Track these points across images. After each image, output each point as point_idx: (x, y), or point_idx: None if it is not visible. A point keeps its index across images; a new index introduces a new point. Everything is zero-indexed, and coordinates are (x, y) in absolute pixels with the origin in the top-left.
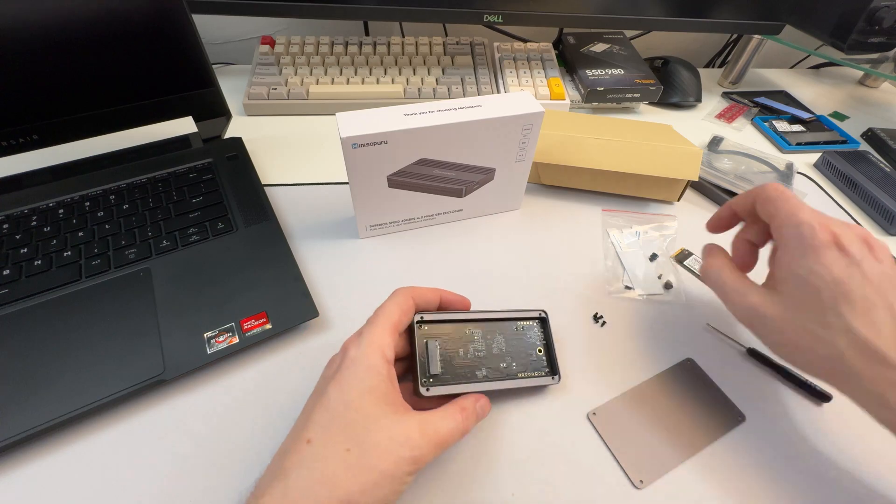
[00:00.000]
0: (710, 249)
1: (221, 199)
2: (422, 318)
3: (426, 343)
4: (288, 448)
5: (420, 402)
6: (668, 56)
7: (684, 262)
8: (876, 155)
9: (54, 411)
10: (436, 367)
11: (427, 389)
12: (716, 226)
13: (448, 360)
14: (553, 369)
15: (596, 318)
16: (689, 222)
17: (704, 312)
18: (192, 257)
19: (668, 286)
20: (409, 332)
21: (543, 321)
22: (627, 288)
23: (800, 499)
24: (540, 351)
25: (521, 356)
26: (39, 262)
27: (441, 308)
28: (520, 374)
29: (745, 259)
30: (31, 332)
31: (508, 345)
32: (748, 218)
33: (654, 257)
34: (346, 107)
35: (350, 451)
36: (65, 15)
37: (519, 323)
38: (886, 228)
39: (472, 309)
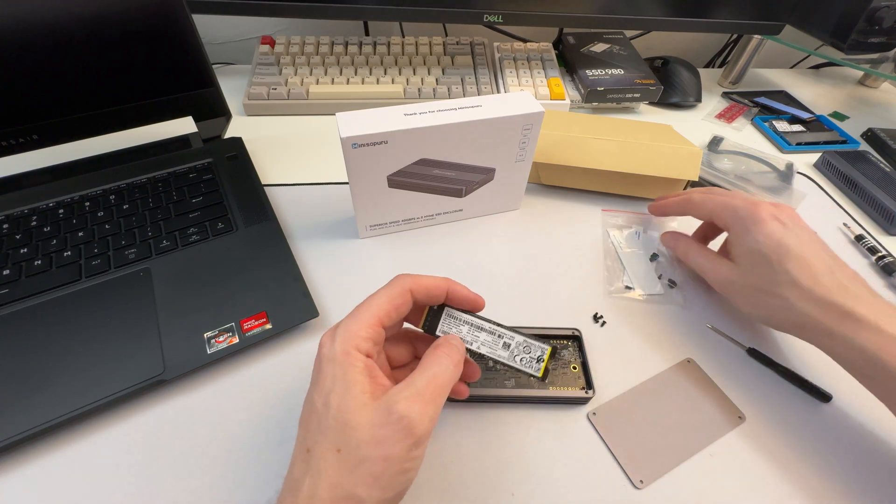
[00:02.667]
0: (676, 237)
1: (221, 199)
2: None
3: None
4: (295, 458)
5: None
6: (668, 56)
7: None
8: (876, 155)
9: (54, 411)
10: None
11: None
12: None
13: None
14: (588, 384)
15: (596, 318)
16: (689, 222)
17: (705, 313)
18: (192, 257)
19: (671, 284)
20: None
21: (577, 339)
22: (628, 288)
23: (800, 499)
24: (575, 368)
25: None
26: (39, 262)
27: (449, 302)
28: (551, 388)
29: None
30: (31, 332)
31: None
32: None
33: (654, 257)
34: (346, 107)
35: (340, 452)
36: (65, 15)
37: (553, 341)
38: (886, 228)
39: (501, 322)
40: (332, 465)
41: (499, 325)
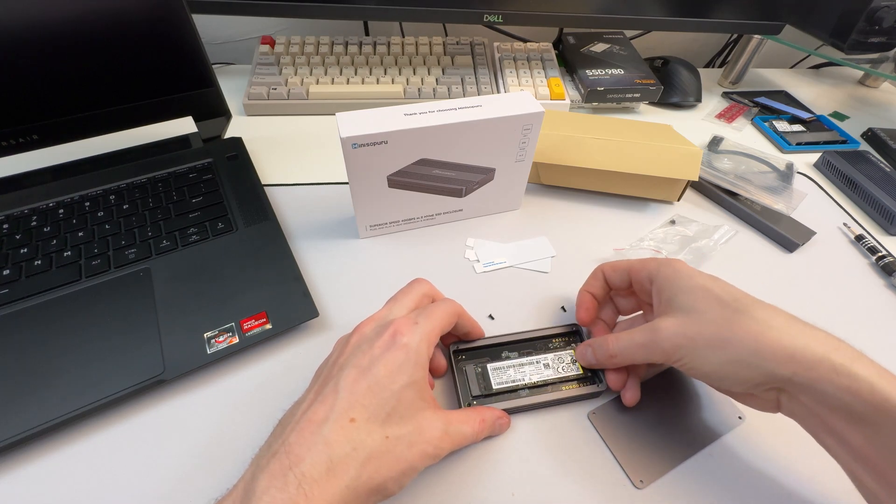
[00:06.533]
0: (589, 345)
1: (221, 199)
2: (458, 347)
3: (464, 368)
4: (327, 417)
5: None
6: (668, 56)
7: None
8: (876, 155)
9: (54, 411)
10: (476, 389)
11: (469, 406)
12: (588, 316)
13: (487, 381)
14: (597, 376)
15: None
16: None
17: None
18: (192, 257)
19: None
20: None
21: (578, 333)
22: None
23: (799, 499)
24: (576, 362)
25: (562, 369)
26: (39, 262)
27: (461, 331)
28: (564, 387)
29: (611, 321)
30: (32, 332)
31: (547, 360)
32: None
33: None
34: (346, 107)
35: (388, 440)
36: (65, 15)
37: (554, 339)
38: (886, 228)
39: (503, 333)
40: (378, 448)
41: (526, 350)
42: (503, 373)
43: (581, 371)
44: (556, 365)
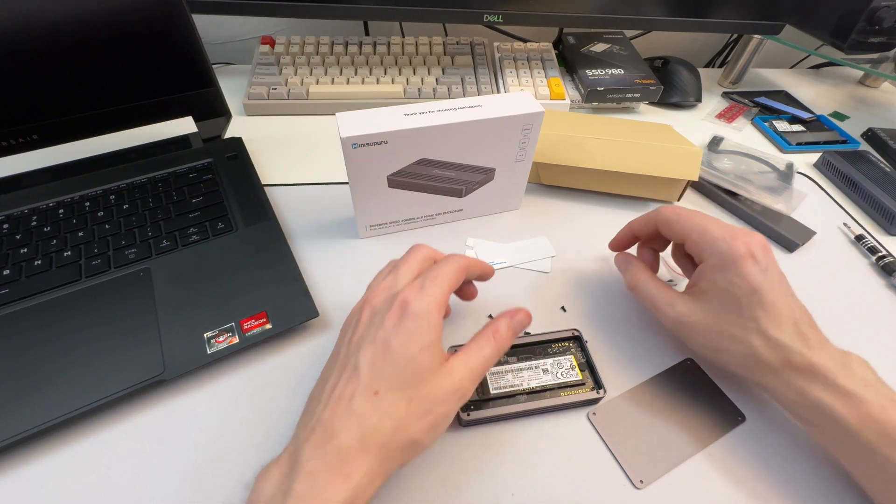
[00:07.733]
0: (628, 261)
1: (221, 199)
2: (455, 349)
3: None
4: (353, 394)
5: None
6: (668, 56)
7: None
8: (876, 155)
9: (54, 411)
10: (473, 394)
11: (468, 415)
12: (617, 246)
13: (485, 386)
14: (598, 383)
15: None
16: None
17: None
18: (192, 257)
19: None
20: None
21: (578, 339)
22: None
23: (800, 498)
24: (575, 367)
25: (561, 374)
26: (39, 262)
27: (473, 278)
28: (562, 393)
29: (652, 266)
30: (32, 332)
31: (546, 366)
32: (648, 237)
33: None
34: (346, 107)
35: (412, 402)
36: (65, 14)
37: (554, 345)
38: (886, 228)
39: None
40: (403, 411)
41: (525, 355)
42: (501, 378)
43: (580, 377)
44: (555, 370)
